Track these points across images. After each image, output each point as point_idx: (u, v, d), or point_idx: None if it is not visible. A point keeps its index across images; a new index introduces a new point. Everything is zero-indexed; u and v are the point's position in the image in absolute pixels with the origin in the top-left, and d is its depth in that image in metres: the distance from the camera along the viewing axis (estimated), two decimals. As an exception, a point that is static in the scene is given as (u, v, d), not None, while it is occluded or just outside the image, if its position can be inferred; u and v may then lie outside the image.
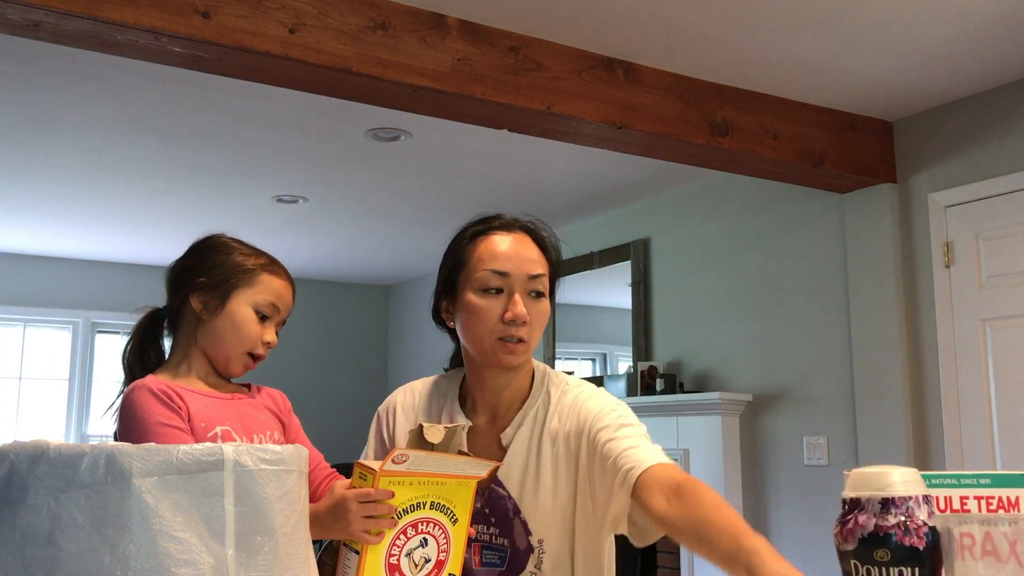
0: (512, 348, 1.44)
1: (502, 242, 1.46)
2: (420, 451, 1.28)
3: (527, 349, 1.46)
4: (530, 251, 1.47)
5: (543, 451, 1.48)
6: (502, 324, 1.43)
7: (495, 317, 1.43)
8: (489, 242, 1.47)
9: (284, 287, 1.60)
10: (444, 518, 1.32)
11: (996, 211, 3.43)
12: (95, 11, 2.32)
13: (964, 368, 3.47)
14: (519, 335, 1.43)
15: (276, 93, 3.25)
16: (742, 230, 4.44)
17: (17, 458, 0.89)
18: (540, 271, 1.46)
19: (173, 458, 0.89)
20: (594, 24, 2.94)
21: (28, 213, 5.27)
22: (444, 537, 1.33)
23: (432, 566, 1.32)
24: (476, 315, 1.44)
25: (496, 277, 1.44)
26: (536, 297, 1.46)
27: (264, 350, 1.56)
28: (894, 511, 1.07)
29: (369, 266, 6.96)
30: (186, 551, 0.87)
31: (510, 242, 1.47)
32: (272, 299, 1.56)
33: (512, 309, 1.42)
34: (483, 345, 1.45)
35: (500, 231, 1.48)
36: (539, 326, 1.46)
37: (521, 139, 3.66)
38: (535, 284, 1.46)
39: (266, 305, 1.56)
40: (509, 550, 1.48)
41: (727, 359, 4.44)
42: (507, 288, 1.44)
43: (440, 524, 1.32)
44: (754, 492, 4.25)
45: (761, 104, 3.50)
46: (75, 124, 3.83)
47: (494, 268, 1.44)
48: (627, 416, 1.47)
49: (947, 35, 3.02)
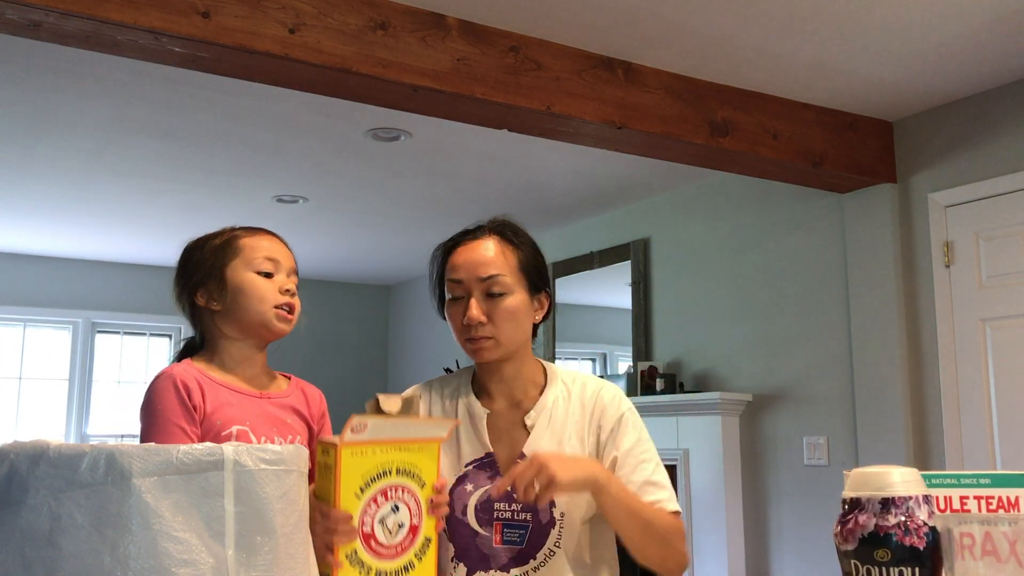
0: (478, 346, 1.56)
1: (462, 252, 1.59)
2: (378, 417, 1.33)
3: (496, 344, 1.56)
4: (485, 254, 1.57)
5: (567, 431, 1.59)
6: (464, 327, 1.56)
7: (459, 322, 1.57)
8: (454, 254, 1.60)
9: (269, 240, 1.61)
10: (413, 483, 1.36)
11: (996, 211, 3.43)
12: (95, 11, 2.32)
13: (964, 368, 3.47)
14: (480, 334, 1.55)
15: (276, 93, 3.25)
16: (742, 230, 4.44)
17: (17, 458, 0.89)
18: (493, 271, 1.56)
19: (173, 458, 0.89)
20: (594, 24, 2.94)
21: (28, 213, 5.27)
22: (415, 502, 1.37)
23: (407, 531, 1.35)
24: (449, 321, 1.61)
25: (454, 285, 1.58)
26: (495, 296, 1.56)
27: (291, 299, 1.58)
28: (894, 511, 1.07)
29: (369, 266, 6.96)
30: (186, 551, 0.87)
31: (466, 250, 1.59)
32: (264, 254, 1.57)
33: (466, 313, 1.55)
34: (461, 345, 1.59)
35: (468, 241, 1.61)
36: (505, 321, 1.56)
37: (521, 139, 3.66)
38: (489, 285, 1.56)
39: (261, 261, 1.57)
40: (531, 525, 1.53)
41: (727, 359, 4.44)
42: (465, 293, 1.57)
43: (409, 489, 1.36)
44: (754, 492, 4.25)
45: (761, 104, 3.50)
46: (75, 124, 3.83)
47: (451, 277, 1.59)
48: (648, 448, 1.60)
49: (947, 35, 3.02)
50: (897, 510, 1.07)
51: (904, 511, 1.07)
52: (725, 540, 4.17)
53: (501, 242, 1.60)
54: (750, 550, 4.21)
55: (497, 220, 1.64)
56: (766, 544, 4.18)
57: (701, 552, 4.30)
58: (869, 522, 1.07)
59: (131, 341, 6.83)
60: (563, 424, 1.60)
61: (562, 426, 1.60)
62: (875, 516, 1.07)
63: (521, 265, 1.60)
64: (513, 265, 1.58)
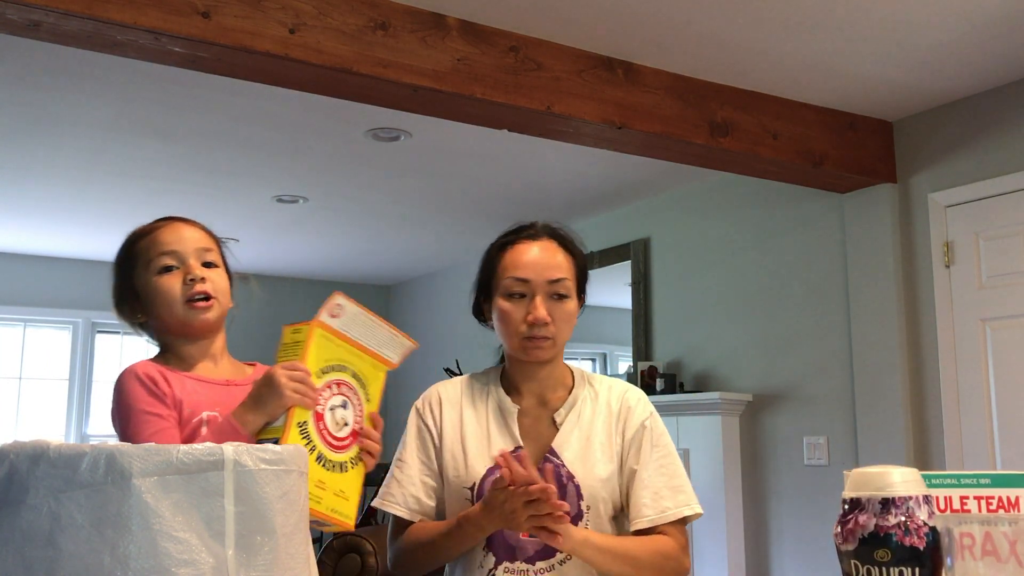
0: (538, 344, 1.61)
1: (525, 251, 1.64)
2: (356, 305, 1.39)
3: (553, 345, 1.63)
4: (551, 257, 1.64)
5: (595, 429, 1.66)
6: (526, 325, 1.60)
7: (520, 319, 1.61)
8: (514, 252, 1.65)
9: (166, 231, 1.54)
10: (361, 392, 1.41)
11: (996, 211, 3.43)
12: (95, 11, 2.32)
13: (964, 368, 3.47)
14: (542, 334, 1.60)
15: (276, 93, 3.25)
16: (742, 230, 4.44)
17: (17, 458, 0.89)
18: (560, 275, 1.63)
19: (173, 458, 0.89)
20: (594, 24, 2.94)
21: (28, 213, 5.27)
22: (359, 410, 1.40)
23: (349, 432, 1.37)
24: (504, 317, 1.63)
25: (518, 284, 1.62)
26: (558, 299, 1.62)
27: (200, 286, 1.51)
28: (894, 511, 1.07)
29: (369, 266, 6.96)
30: (186, 551, 0.87)
31: (532, 250, 1.64)
32: (158, 250, 1.51)
33: (533, 312, 1.60)
34: (513, 342, 1.63)
35: (526, 240, 1.66)
36: (564, 323, 1.63)
37: (521, 139, 3.66)
38: (556, 287, 1.62)
39: (158, 259, 1.51)
40: None
41: (727, 359, 4.44)
42: (529, 293, 1.61)
43: (358, 396, 1.40)
44: (754, 492, 4.25)
45: (761, 104, 3.50)
46: (75, 124, 3.83)
47: (516, 275, 1.62)
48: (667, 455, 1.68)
49: (947, 35, 3.02)
50: (897, 510, 1.07)
51: (904, 511, 1.07)
52: (725, 540, 4.17)
53: (561, 246, 1.67)
54: (750, 550, 4.21)
55: (551, 224, 1.70)
56: (766, 544, 4.18)
57: (701, 552, 4.30)
58: (869, 522, 1.07)
59: (131, 341, 6.83)
60: (591, 423, 1.66)
61: (590, 425, 1.66)
62: (875, 516, 1.07)
63: (577, 270, 1.68)
64: (572, 270, 1.66)
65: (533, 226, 1.69)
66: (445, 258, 6.56)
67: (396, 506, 1.64)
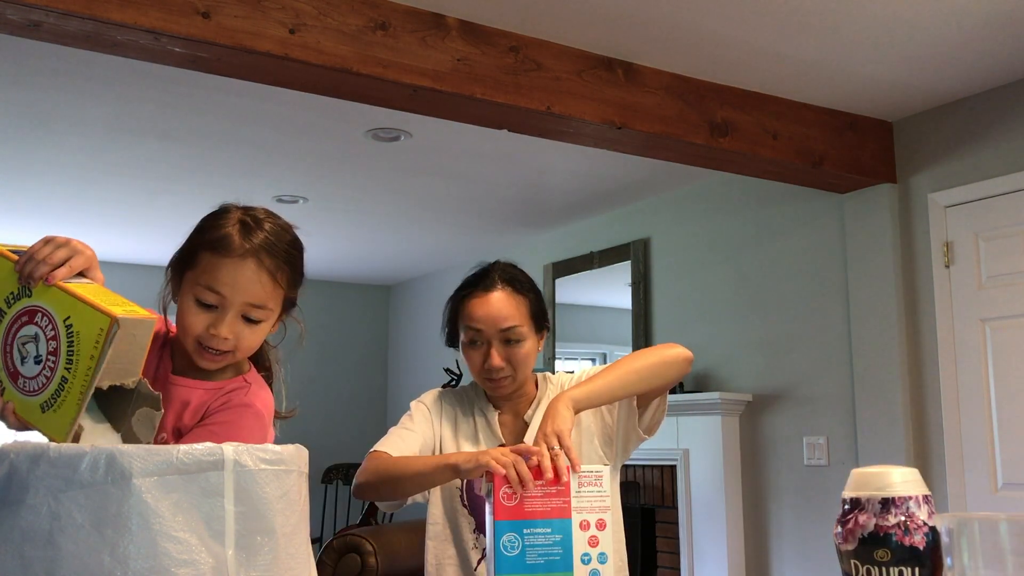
0: (497, 384, 1.78)
1: (480, 305, 1.77)
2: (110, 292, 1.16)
3: (513, 381, 1.79)
4: (504, 308, 1.76)
5: None
6: (484, 369, 1.77)
7: (479, 364, 1.77)
8: (470, 304, 1.78)
9: (230, 267, 1.35)
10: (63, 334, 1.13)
11: (996, 211, 3.43)
12: (95, 11, 2.32)
13: (964, 368, 3.47)
14: (500, 376, 1.76)
15: (276, 93, 3.25)
16: (742, 230, 4.44)
17: (17, 458, 0.89)
18: (511, 323, 1.76)
19: (173, 458, 0.89)
20: (594, 24, 2.94)
21: (28, 213, 5.27)
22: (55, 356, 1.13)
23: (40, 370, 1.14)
24: (466, 361, 1.81)
25: (473, 333, 1.77)
26: (513, 343, 1.76)
27: (219, 343, 1.35)
28: (894, 511, 1.07)
29: (369, 266, 6.96)
30: (186, 551, 0.87)
31: (485, 303, 1.77)
32: (210, 283, 1.34)
33: (488, 361, 1.75)
34: (478, 380, 1.82)
35: (480, 292, 1.78)
36: (520, 363, 1.77)
37: (521, 139, 3.66)
38: (508, 334, 1.76)
39: (204, 291, 1.35)
40: None
41: (727, 359, 4.44)
42: (485, 341, 1.76)
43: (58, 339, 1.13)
44: (754, 492, 4.25)
45: (761, 104, 3.50)
46: (75, 124, 3.83)
47: (470, 326, 1.77)
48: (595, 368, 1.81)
49: (947, 35, 3.02)
50: (897, 510, 1.07)
51: (904, 511, 1.07)
52: (725, 540, 4.17)
53: (513, 293, 1.79)
54: (750, 550, 4.21)
55: (504, 270, 1.81)
56: (766, 544, 4.18)
57: (701, 552, 4.30)
58: (869, 522, 1.07)
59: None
60: None
61: None
62: (875, 516, 1.07)
63: (531, 312, 1.80)
64: (525, 314, 1.79)
65: (487, 275, 1.80)
66: (445, 258, 6.56)
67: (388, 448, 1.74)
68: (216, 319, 1.35)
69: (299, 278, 1.46)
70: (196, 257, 1.38)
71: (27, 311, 1.17)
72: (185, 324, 1.37)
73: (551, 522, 1.48)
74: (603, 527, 1.49)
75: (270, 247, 1.39)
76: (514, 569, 1.45)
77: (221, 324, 1.35)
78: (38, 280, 1.16)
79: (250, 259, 1.36)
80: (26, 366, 1.15)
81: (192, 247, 1.40)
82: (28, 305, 1.17)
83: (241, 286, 1.35)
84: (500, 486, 1.47)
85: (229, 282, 1.35)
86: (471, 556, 1.74)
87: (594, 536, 1.49)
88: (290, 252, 1.43)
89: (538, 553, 1.46)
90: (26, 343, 1.15)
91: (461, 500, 1.78)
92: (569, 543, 1.47)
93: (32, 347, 1.15)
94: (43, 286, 1.16)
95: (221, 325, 1.35)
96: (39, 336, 1.14)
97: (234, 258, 1.36)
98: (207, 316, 1.36)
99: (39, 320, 1.15)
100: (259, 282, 1.37)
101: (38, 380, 1.14)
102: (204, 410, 1.39)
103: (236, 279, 1.35)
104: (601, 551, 1.48)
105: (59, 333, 1.13)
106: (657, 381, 1.75)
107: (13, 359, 1.16)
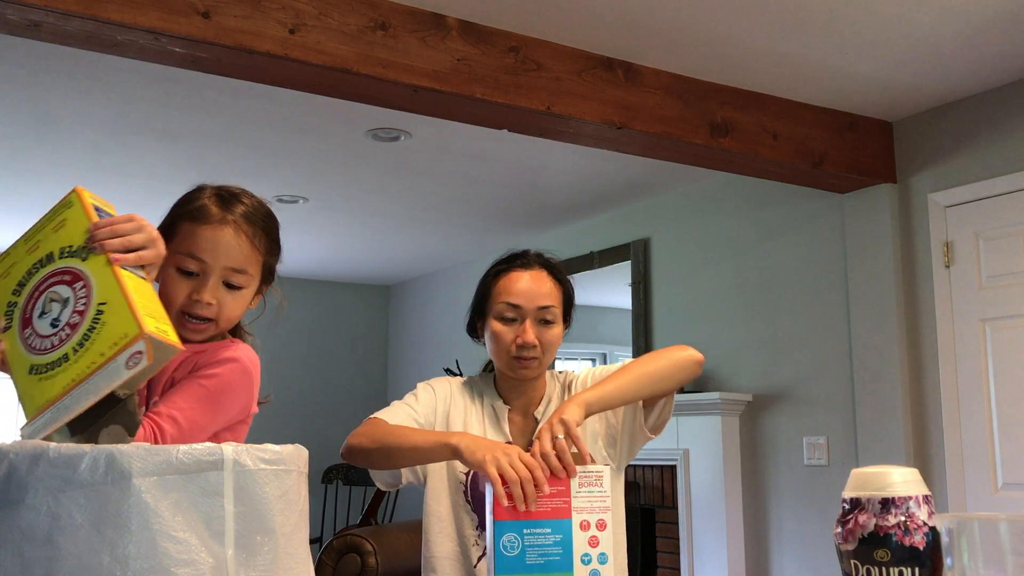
0: (525, 364, 1.76)
1: (518, 279, 1.78)
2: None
3: (539, 365, 1.78)
4: (542, 286, 1.77)
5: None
6: (515, 346, 1.75)
7: (510, 340, 1.75)
8: (508, 279, 1.78)
9: (209, 232, 1.38)
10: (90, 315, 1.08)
11: (996, 211, 3.43)
12: (95, 11, 2.32)
13: (964, 368, 3.47)
14: (530, 355, 1.75)
15: (276, 93, 3.25)
16: (742, 230, 4.44)
17: (17, 457, 0.89)
18: (548, 303, 1.77)
19: (172, 458, 0.89)
20: (594, 24, 2.94)
21: (28, 213, 5.27)
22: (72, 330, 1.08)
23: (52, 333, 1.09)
24: (496, 338, 1.78)
25: (510, 308, 1.76)
26: (546, 324, 1.77)
27: (201, 309, 1.36)
28: (894, 511, 1.07)
29: (369, 266, 6.96)
30: (185, 551, 0.87)
31: (524, 278, 1.78)
32: (190, 250, 1.37)
33: (522, 336, 1.74)
34: (502, 360, 1.78)
35: (519, 269, 1.79)
36: (549, 346, 1.78)
37: (521, 139, 3.66)
38: (544, 314, 1.76)
39: (184, 259, 1.36)
40: None
41: (727, 359, 4.44)
42: (520, 317, 1.76)
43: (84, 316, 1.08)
44: (754, 492, 4.25)
45: (761, 104, 3.50)
46: (75, 124, 3.83)
47: (509, 301, 1.76)
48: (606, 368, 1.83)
49: (947, 35, 3.02)
50: (897, 510, 1.07)
51: (904, 511, 1.07)
52: (725, 540, 4.17)
53: (551, 276, 1.80)
54: (750, 550, 4.21)
55: (541, 254, 1.83)
56: (766, 544, 4.18)
57: (701, 552, 4.30)
58: (869, 522, 1.07)
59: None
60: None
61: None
62: (875, 516, 1.07)
63: (564, 299, 1.82)
64: (559, 299, 1.80)
65: (526, 255, 1.82)
66: (445, 258, 6.56)
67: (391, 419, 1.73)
68: (198, 285, 1.37)
69: (276, 247, 1.51)
70: (175, 228, 1.41)
71: (72, 271, 1.12)
72: (168, 294, 1.37)
73: (551, 522, 1.48)
74: (603, 527, 1.49)
75: (247, 215, 1.45)
76: (514, 569, 1.45)
77: (203, 289, 1.37)
78: (105, 250, 1.11)
79: (228, 225, 1.41)
80: (41, 321, 1.10)
81: (171, 220, 1.43)
82: (77, 267, 1.12)
83: (221, 251, 1.39)
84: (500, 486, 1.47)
85: (209, 248, 1.38)
86: (471, 552, 1.73)
87: (594, 536, 1.49)
88: (266, 222, 1.49)
89: (538, 553, 1.46)
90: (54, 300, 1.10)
91: (465, 496, 1.76)
92: (569, 543, 1.47)
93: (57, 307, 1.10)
94: (103, 259, 1.11)
95: (203, 290, 1.37)
96: (69, 301, 1.09)
97: (213, 223, 1.40)
98: (189, 283, 1.37)
99: (77, 287, 1.10)
100: (238, 246, 1.41)
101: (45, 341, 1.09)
102: (192, 364, 1.38)
103: (216, 244, 1.39)
104: (601, 551, 1.48)
105: (88, 311, 1.08)
106: (668, 384, 1.75)
107: (34, 307, 1.11)
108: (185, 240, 1.39)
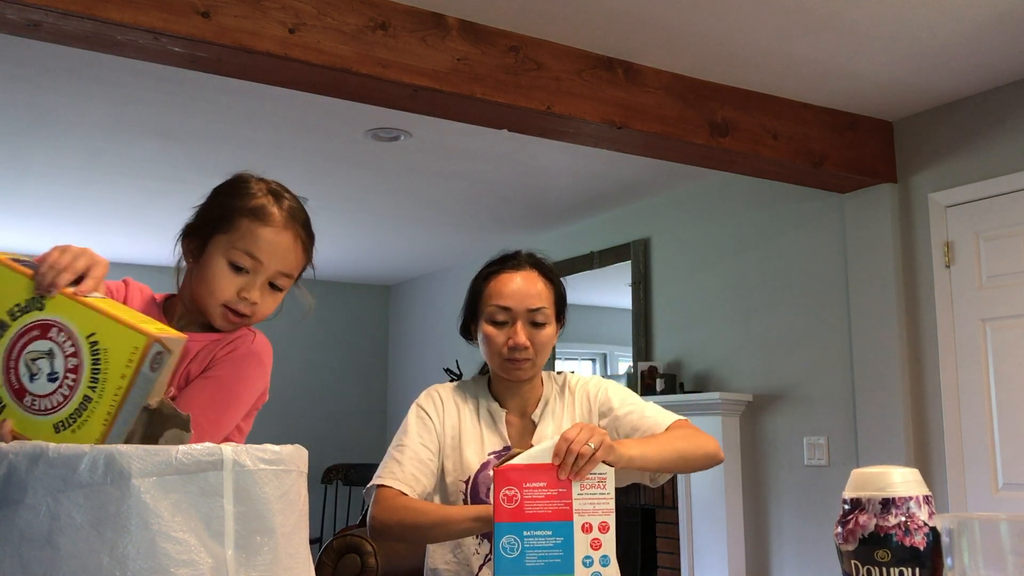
0: (518, 365, 1.75)
1: (508, 281, 1.77)
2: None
3: (533, 366, 1.77)
4: (532, 287, 1.76)
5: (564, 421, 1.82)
6: (507, 348, 1.74)
7: (502, 343, 1.75)
8: (498, 281, 1.78)
9: (271, 235, 1.42)
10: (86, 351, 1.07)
11: (996, 211, 3.43)
12: (95, 11, 2.32)
13: (964, 368, 3.47)
14: (522, 356, 1.74)
15: (276, 93, 3.25)
16: (742, 230, 4.44)
17: (16, 458, 0.89)
18: (539, 304, 1.76)
19: (172, 458, 0.89)
20: (594, 24, 2.94)
21: (28, 213, 5.27)
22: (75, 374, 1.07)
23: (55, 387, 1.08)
24: (488, 340, 1.77)
25: (501, 311, 1.75)
26: (537, 326, 1.76)
27: (246, 307, 1.40)
28: (895, 511, 1.07)
29: (369, 266, 6.96)
30: (185, 551, 0.87)
31: (515, 280, 1.76)
32: (248, 248, 1.40)
33: (514, 338, 1.73)
34: (495, 362, 1.78)
35: (509, 271, 1.78)
36: (542, 347, 1.77)
37: (521, 139, 3.66)
38: (535, 315, 1.75)
39: (241, 255, 1.40)
40: None
41: (727, 359, 4.44)
42: (511, 319, 1.75)
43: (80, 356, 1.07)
44: (754, 492, 4.25)
45: (761, 104, 3.50)
46: (75, 124, 3.83)
47: (499, 304, 1.75)
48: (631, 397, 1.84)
49: (947, 35, 3.02)
50: (897, 510, 1.07)
51: (904, 511, 1.07)
52: (725, 540, 4.17)
53: (542, 277, 1.79)
54: (750, 550, 4.21)
55: (532, 255, 1.82)
56: (766, 544, 4.18)
57: (701, 552, 4.29)
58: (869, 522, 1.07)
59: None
60: (560, 415, 1.84)
61: (560, 416, 1.83)
62: (875, 516, 1.07)
63: (556, 299, 1.81)
64: (551, 299, 1.79)
65: (517, 256, 1.81)
66: (445, 258, 6.56)
67: (396, 482, 1.71)
68: (248, 283, 1.41)
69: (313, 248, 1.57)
70: (233, 222, 1.41)
71: (38, 325, 1.10)
72: (214, 286, 1.40)
73: (552, 524, 1.47)
74: (606, 530, 1.48)
75: (305, 223, 1.52)
76: (513, 571, 1.45)
77: (252, 288, 1.41)
78: (60, 288, 1.11)
79: (289, 230, 1.46)
80: (36, 383, 1.08)
81: (226, 212, 1.43)
82: (39, 319, 1.10)
83: (279, 255, 1.43)
84: (501, 487, 1.47)
85: (268, 250, 1.42)
86: (472, 562, 1.73)
87: (596, 539, 1.49)
88: (308, 221, 1.55)
89: (538, 555, 1.46)
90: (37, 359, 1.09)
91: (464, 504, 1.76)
92: (570, 545, 1.47)
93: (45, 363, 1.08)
94: (60, 299, 1.11)
95: (252, 289, 1.41)
96: (54, 352, 1.08)
97: (276, 227, 1.43)
98: (239, 279, 1.40)
99: (54, 335, 1.09)
100: (294, 252, 1.47)
101: (53, 398, 1.07)
102: (210, 358, 1.41)
103: (275, 247, 1.42)
104: (604, 554, 1.48)
105: (81, 350, 1.07)
106: (689, 468, 1.73)
107: (19, 375, 1.09)
108: (244, 237, 1.41)
